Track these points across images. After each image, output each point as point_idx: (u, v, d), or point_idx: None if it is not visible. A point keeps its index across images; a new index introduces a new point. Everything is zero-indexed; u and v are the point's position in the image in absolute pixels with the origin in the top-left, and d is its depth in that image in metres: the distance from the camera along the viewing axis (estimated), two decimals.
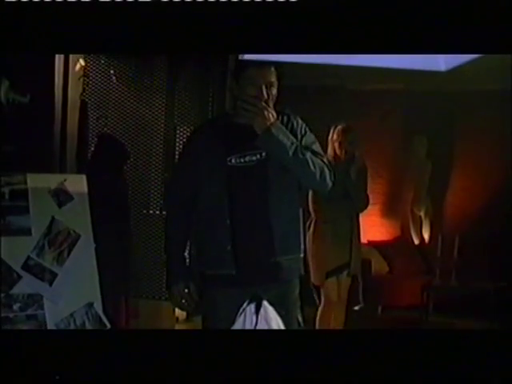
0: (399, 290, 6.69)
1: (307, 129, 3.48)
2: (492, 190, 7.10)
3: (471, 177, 7.29)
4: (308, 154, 3.32)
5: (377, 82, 7.12)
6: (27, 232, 3.82)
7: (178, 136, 5.92)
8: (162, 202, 5.83)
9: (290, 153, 3.28)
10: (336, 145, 5.56)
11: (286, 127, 3.36)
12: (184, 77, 5.97)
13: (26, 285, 3.75)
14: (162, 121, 5.82)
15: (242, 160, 3.37)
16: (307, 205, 5.44)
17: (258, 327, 3.02)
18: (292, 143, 3.29)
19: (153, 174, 5.90)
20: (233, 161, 3.36)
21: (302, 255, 3.50)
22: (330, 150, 5.53)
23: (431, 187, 7.25)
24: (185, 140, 3.71)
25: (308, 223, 5.54)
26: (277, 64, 3.33)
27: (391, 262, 7.12)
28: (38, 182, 3.90)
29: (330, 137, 5.59)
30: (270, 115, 3.26)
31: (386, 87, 7.20)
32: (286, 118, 3.42)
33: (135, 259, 5.54)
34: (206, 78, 6.00)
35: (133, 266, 5.46)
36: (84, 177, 4.03)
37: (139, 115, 5.67)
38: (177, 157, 5.73)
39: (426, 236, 7.25)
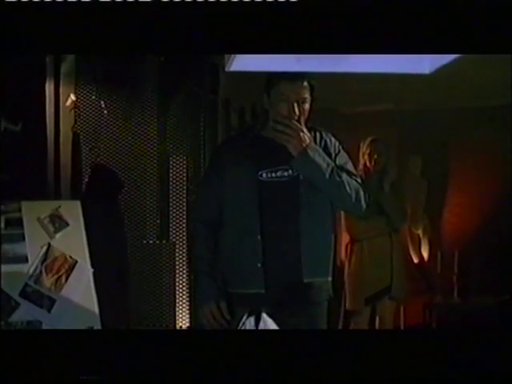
0: (400, 310, 6.63)
1: (340, 147, 3.42)
2: (488, 205, 7.09)
3: (467, 193, 7.28)
4: (344, 176, 3.26)
5: (368, 103, 7.17)
6: (24, 259, 3.83)
7: (171, 165, 5.92)
8: (159, 231, 5.80)
9: (327, 175, 3.23)
10: (366, 157, 5.40)
11: (320, 145, 3.31)
12: (175, 106, 5.98)
13: (25, 312, 3.75)
14: (155, 151, 5.81)
15: (274, 175, 3.31)
16: (339, 222, 5.16)
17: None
18: (328, 165, 3.23)
19: (148, 204, 5.88)
20: (264, 175, 3.31)
21: (330, 279, 3.43)
22: (360, 164, 5.37)
23: (428, 205, 7.24)
24: (211, 154, 3.65)
25: (343, 243, 5.39)
26: (310, 78, 3.27)
27: None
28: (33, 209, 3.92)
29: (360, 151, 5.45)
30: (306, 136, 3.20)
31: (378, 108, 7.24)
32: (318, 136, 3.37)
33: (134, 289, 5.50)
34: (196, 107, 6.00)
35: (132, 296, 5.43)
36: (78, 202, 4.04)
37: (132, 145, 5.66)
38: (171, 186, 5.74)
39: (425, 254, 7.23)
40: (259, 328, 3.01)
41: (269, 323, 3.03)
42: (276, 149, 3.27)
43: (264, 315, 3.03)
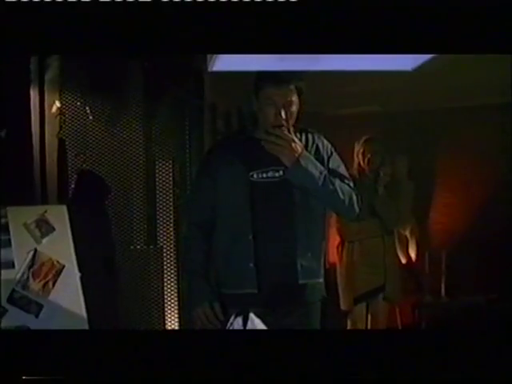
0: (389, 310, 6.63)
1: (333, 149, 3.45)
2: (476, 205, 7.11)
3: (454, 193, 7.30)
4: (337, 182, 3.29)
5: (354, 106, 7.19)
6: (10, 265, 3.81)
7: (157, 170, 5.91)
8: (146, 236, 5.79)
9: (320, 183, 3.25)
10: (360, 156, 5.36)
11: (312, 148, 3.34)
12: (160, 111, 5.98)
13: (13, 318, 3.72)
14: (141, 156, 5.81)
15: (265, 175, 3.33)
16: (331, 223, 5.16)
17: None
18: (320, 172, 3.25)
19: (135, 209, 5.87)
20: (255, 176, 3.33)
21: (322, 279, 3.45)
22: (355, 164, 5.32)
23: (415, 206, 7.25)
24: (203, 157, 3.67)
25: (334, 244, 5.34)
26: (297, 81, 3.30)
27: None
28: (19, 214, 3.91)
29: (355, 150, 5.39)
30: (298, 146, 3.21)
31: (364, 110, 7.25)
32: (310, 138, 3.39)
33: (122, 294, 5.49)
34: (181, 112, 6.00)
35: (120, 301, 5.42)
36: (65, 207, 4.03)
37: (117, 151, 5.66)
38: (158, 191, 5.74)
39: (413, 255, 7.23)
40: (247, 328, 3.01)
41: (256, 323, 3.04)
42: (266, 149, 3.28)
43: (252, 315, 3.04)
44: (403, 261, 7.22)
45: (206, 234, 3.45)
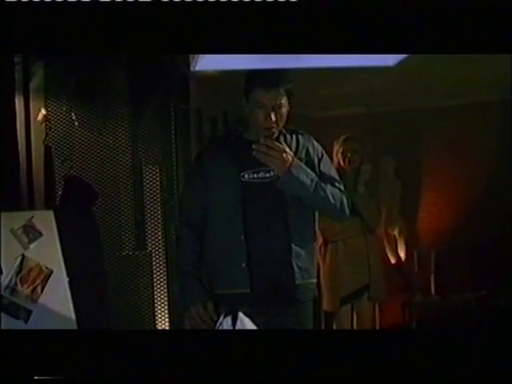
0: (379, 310, 6.64)
1: (323, 152, 3.48)
2: (463, 203, 7.14)
3: (442, 192, 7.32)
4: (328, 188, 3.33)
5: (339, 107, 7.21)
6: None
7: (144, 175, 5.91)
8: (135, 241, 5.79)
9: (311, 190, 3.29)
10: (339, 156, 5.34)
11: (302, 149, 3.38)
12: (146, 116, 5.97)
13: (1, 324, 3.71)
14: (128, 161, 5.80)
15: (256, 176, 3.35)
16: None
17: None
18: (312, 180, 3.29)
19: (123, 215, 5.86)
20: (246, 176, 3.35)
21: (315, 280, 3.49)
22: (334, 163, 5.18)
23: (403, 206, 7.27)
24: (194, 157, 3.69)
25: (317, 244, 5.34)
26: (286, 83, 3.33)
27: None
28: (6, 220, 3.90)
29: (334, 149, 5.37)
30: (289, 156, 3.24)
31: (349, 112, 7.27)
32: (301, 141, 3.42)
33: (112, 300, 5.48)
34: (167, 117, 6.00)
35: (110, 307, 5.41)
36: (51, 212, 4.03)
37: (104, 156, 5.65)
38: (145, 196, 5.73)
39: (402, 254, 7.25)
40: (236, 328, 3.01)
41: (246, 322, 3.04)
42: None
43: (241, 314, 3.04)
44: (392, 261, 7.26)
45: (198, 234, 3.47)
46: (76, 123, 5.50)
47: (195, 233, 3.47)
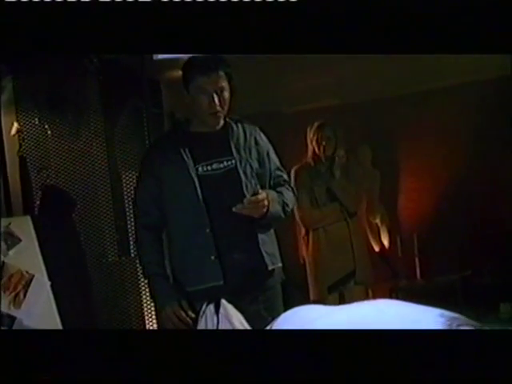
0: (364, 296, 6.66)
1: (269, 145, 3.55)
2: (442, 187, 7.18)
3: (420, 177, 7.36)
4: (285, 195, 3.46)
5: (310, 100, 7.23)
6: None
7: (124, 181, 5.90)
8: (118, 248, 5.77)
9: (283, 214, 3.44)
10: (314, 143, 5.30)
11: (250, 139, 3.43)
12: (120, 123, 5.97)
13: None
14: (106, 168, 5.80)
15: (210, 168, 3.36)
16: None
17: (220, 326, 3.01)
18: (282, 206, 3.42)
19: (105, 222, 5.85)
20: (200, 169, 3.35)
21: (281, 264, 3.52)
22: (309, 152, 5.28)
23: (382, 194, 7.30)
24: (142, 158, 3.67)
25: (300, 234, 5.31)
26: (225, 67, 3.35)
27: None
28: None
29: (308, 137, 5.35)
30: (266, 201, 3.31)
31: (321, 105, 7.30)
32: (248, 132, 3.44)
33: (98, 307, 5.47)
34: (140, 122, 6.00)
35: (96, 314, 5.40)
36: (29, 218, 4.04)
37: (81, 164, 5.64)
38: (126, 201, 5.72)
39: (386, 242, 7.28)
40: (220, 314, 3.01)
41: (229, 308, 3.04)
42: (206, 142, 3.33)
43: (223, 301, 3.04)
44: (376, 248, 7.29)
45: (158, 234, 3.46)
46: (49, 132, 5.50)
47: (155, 233, 3.45)
